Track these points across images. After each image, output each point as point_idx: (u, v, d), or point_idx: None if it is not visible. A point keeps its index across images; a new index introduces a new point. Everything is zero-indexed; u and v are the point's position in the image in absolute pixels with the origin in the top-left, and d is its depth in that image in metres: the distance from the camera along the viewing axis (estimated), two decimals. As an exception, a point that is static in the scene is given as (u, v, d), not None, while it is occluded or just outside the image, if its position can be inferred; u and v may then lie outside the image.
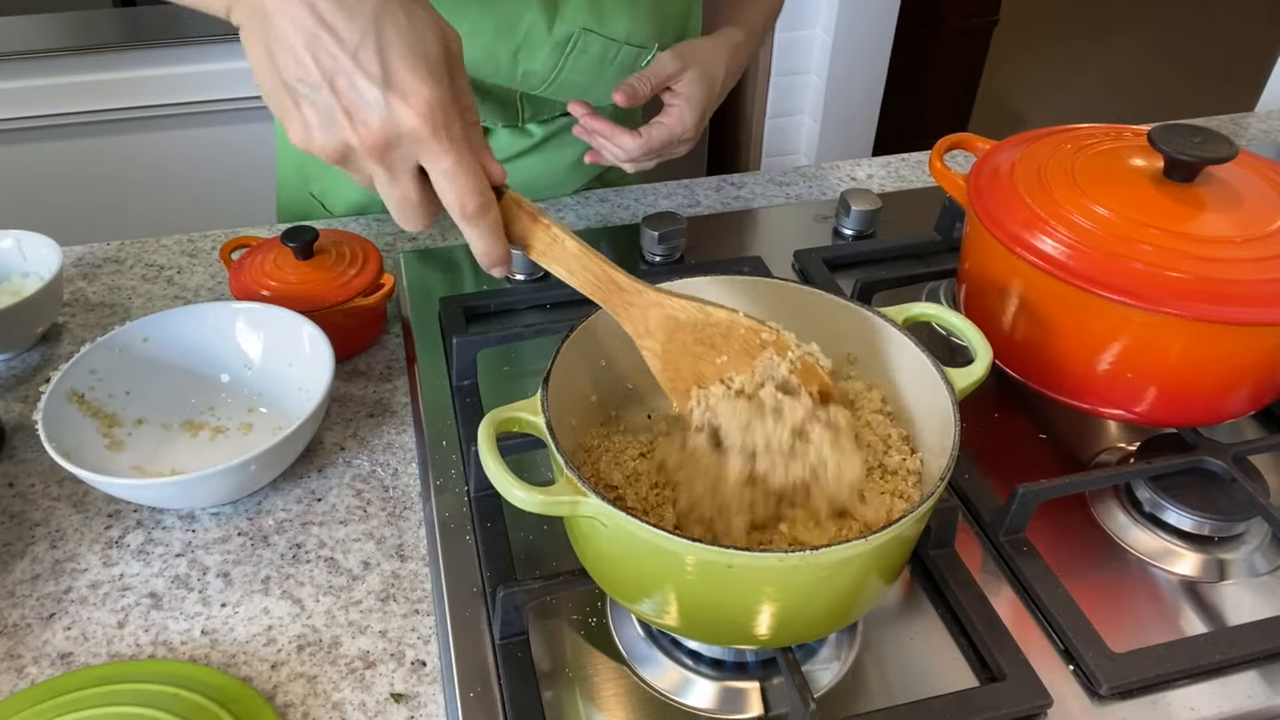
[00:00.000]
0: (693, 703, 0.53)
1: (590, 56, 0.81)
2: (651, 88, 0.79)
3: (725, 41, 0.85)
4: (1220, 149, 0.62)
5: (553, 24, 0.79)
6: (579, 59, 0.81)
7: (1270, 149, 1.09)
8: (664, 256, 0.87)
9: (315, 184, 0.99)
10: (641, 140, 0.80)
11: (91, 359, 0.67)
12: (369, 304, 0.76)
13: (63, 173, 1.71)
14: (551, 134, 0.93)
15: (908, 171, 1.07)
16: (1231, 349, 0.60)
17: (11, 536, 0.64)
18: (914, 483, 0.55)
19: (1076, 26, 3.93)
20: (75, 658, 0.56)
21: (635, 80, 0.79)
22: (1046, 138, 0.72)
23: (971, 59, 2.62)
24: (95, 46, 1.61)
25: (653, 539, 0.44)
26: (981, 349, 0.56)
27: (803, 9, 2.02)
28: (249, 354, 0.72)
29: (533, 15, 0.79)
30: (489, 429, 0.48)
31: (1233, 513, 0.62)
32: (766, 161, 2.23)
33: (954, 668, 0.55)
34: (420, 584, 0.61)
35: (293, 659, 0.56)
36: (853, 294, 0.81)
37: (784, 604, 0.47)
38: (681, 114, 0.81)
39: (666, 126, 0.81)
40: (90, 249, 0.91)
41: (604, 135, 0.81)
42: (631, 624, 0.57)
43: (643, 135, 0.80)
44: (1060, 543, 0.62)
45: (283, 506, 0.66)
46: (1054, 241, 0.62)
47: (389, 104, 0.44)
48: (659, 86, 0.80)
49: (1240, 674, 0.55)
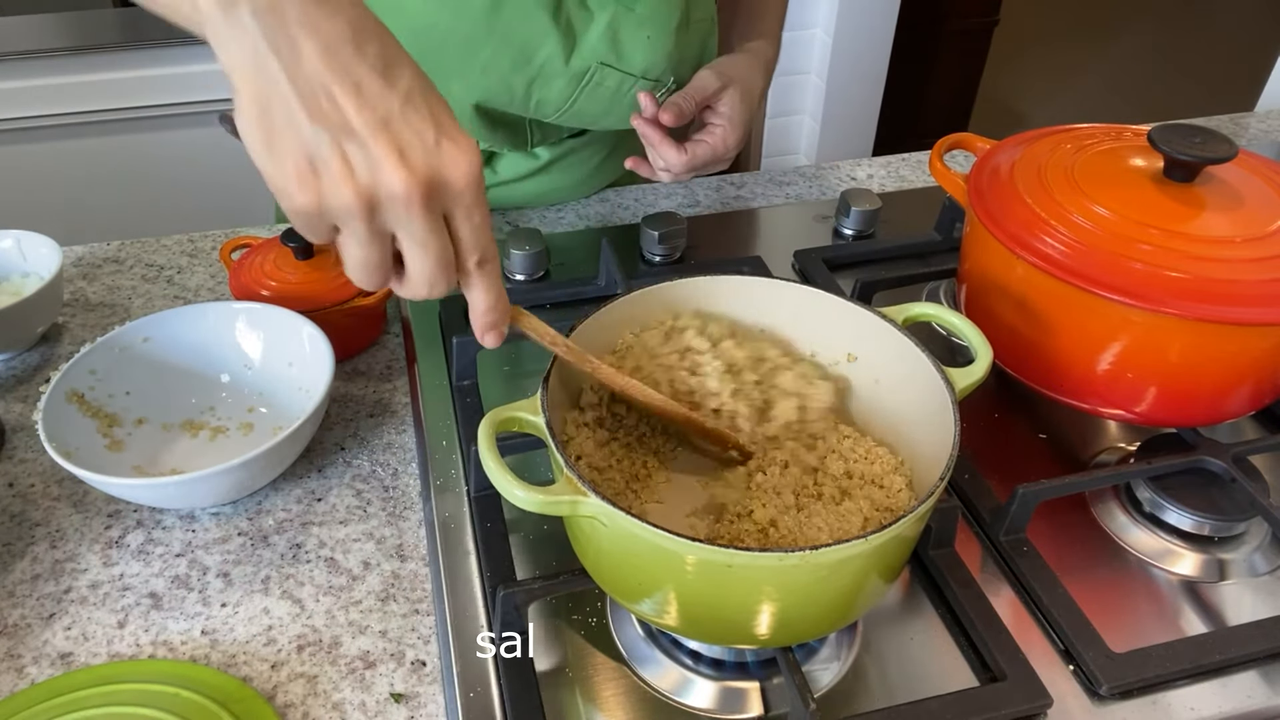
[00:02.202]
0: (693, 703, 0.53)
1: (606, 89, 0.81)
2: (695, 105, 0.80)
3: (759, 58, 0.86)
4: (1220, 149, 0.62)
5: (570, 57, 0.79)
6: (595, 91, 0.81)
7: (1270, 149, 1.09)
8: (664, 256, 0.87)
9: None
10: (686, 157, 0.80)
11: (91, 359, 0.67)
12: (369, 304, 0.76)
13: (63, 173, 1.71)
14: (558, 156, 0.93)
15: (908, 171, 1.07)
16: (1231, 349, 0.60)
17: (11, 536, 0.64)
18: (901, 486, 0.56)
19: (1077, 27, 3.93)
20: (75, 658, 0.56)
21: (680, 99, 0.79)
22: (1046, 138, 0.72)
23: (971, 59, 2.62)
24: (95, 46, 1.61)
25: (653, 538, 0.44)
26: (982, 349, 0.56)
27: (803, 9, 2.02)
28: (249, 354, 0.72)
29: (550, 48, 0.78)
30: (489, 428, 0.48)
31: (1233, 513, 0.62)
32: (766, 161, 2.23)
33: (954, 668, 0.55)
34: (420, 584, 0.61)
35: (293, 659, 0.56)
36: (853, 294, 0.81)
37: (784, 603, 0.47)
38: (725, 135, 0.81)
39: (710, 146, 0.81)
40: (90, 249, 0.91)
41: (651, 143, 0.81)
42: (631, 624, 0.57)
43: (687, 152, 0.80)
44: (1060, 543, 0.62)
45: (283, 506, 0.66)
46: (1054, 241, 0.62)
47: (442, 149, 0.42)
48: (702, 105, 0.81)
49: (1240, 674, 0.55)
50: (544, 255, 0.85)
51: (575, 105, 0.83)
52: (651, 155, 0.82)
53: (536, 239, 0.85)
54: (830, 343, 0.61)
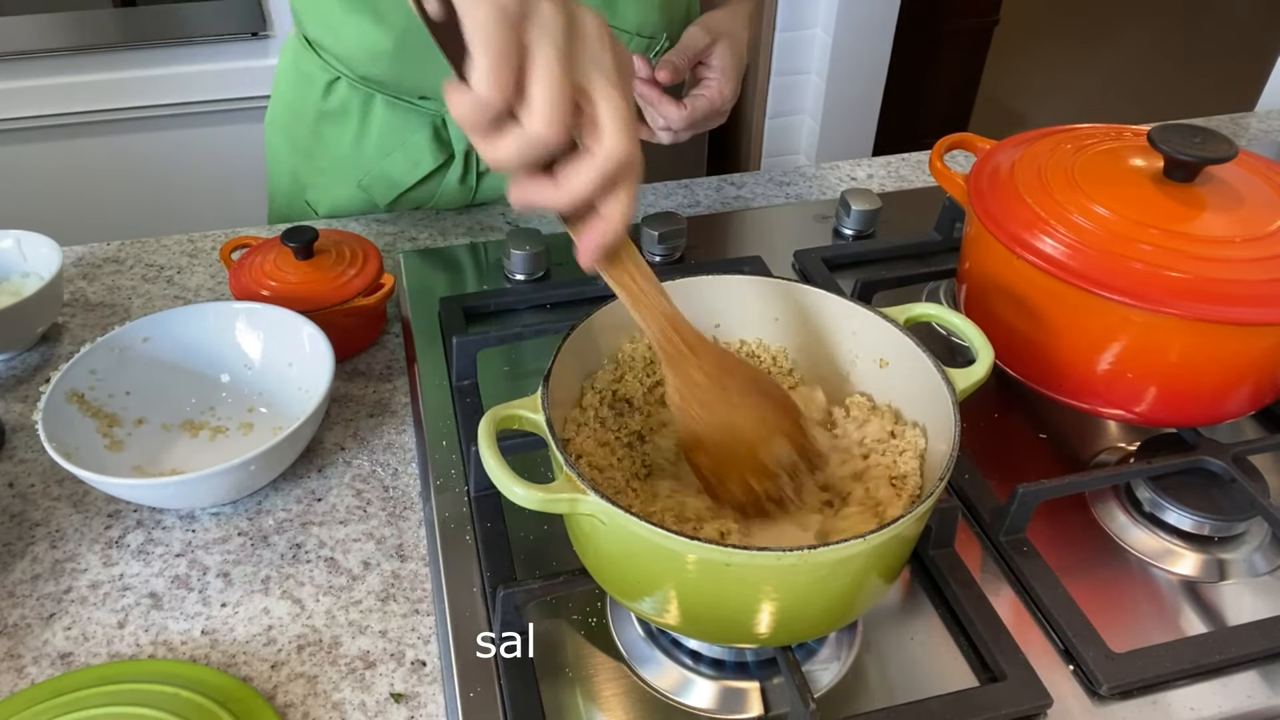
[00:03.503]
0: (693, 703, 0.53)
1: None
2: (688, 61, 0.80)
3: (741, 10, 0.86)
4: (1220, 149, 0.62)
5: None
6: None
7: (1270, 149, 1.09)
8: (664, 256, 0.87)
9: (310, 191, 0.98)
10: (686, 112, 0.80)
11: (91, 359, 0.67)
12: (369, 304, 0.76)
13: (63, 173, 1.71)
14: None
15: (908, 171, 1.07)
16: (1231, 349, 0.60)
17: (11, 536, 0.64)
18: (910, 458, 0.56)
19: (1077, 26, 3.93)
20: (75, 658, 0.56)
21: (674, 56, 0.80)
22: (1046, 138, 0.72)
23: (971, 59, 2.62)
24: (95, 46, 1.61)
25: (652, 537, 0.44)
26: (983, 349, 0.56)
27: (803, 9, 2.02)
28: (249, 354, 0.72)
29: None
30: (489, 426, 0.48)
31: (1233, 513, 0.62)
32: (766, 161, 2.23)
33: (954, 668, 0.55)
34: (420, 584, 0.61)
35: (293, 659, 0.56)
36: (853, 294, 0.81)
37: (783, 602, 0.47)
38: (720, 85, 0.81)
39: (707, 98, 0.81)
40: (90, 249, 0.91)
41: (650, 102, 0.81)
42: (631, 624, 0.57)
43: (687, 106, 0.81)
44: (1060, 543, 0.62)
45: (283, 506, 0.66)
46: (1054, 241, 0.62)
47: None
48: (694, 60, 0.81)
49: (1240, 674, 0.55)
50: (544, 255, 0.85)
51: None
52: (650, 115, 0.82)
53: (536, 239, 0.85)
54: (830, 343, 0.61)
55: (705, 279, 0.60)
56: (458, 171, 0.93)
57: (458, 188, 0.95)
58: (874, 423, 0.58)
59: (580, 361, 0.57)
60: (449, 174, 0.94)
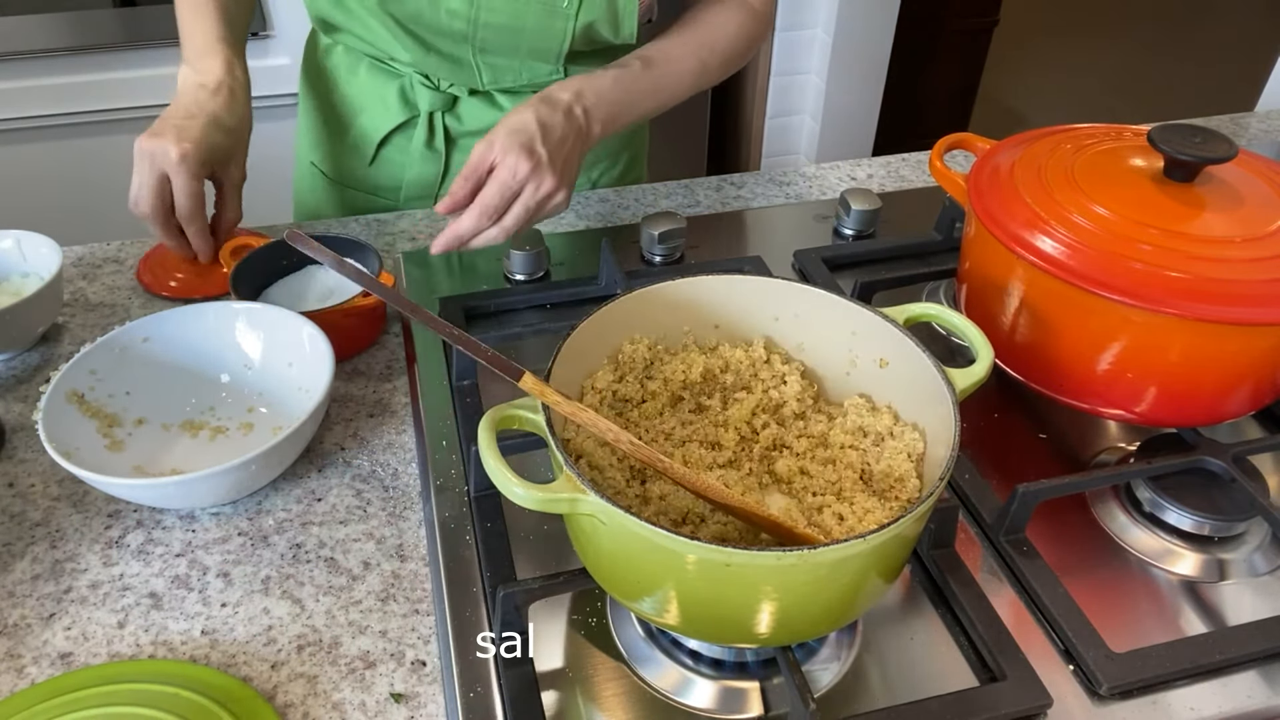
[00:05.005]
0: (693, 703, 0.53)
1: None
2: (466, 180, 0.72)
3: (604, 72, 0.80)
4: (1220, 149, 0.62)
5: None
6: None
7: (1270, 149, 1.09)
8: (664, 256, 0.87)
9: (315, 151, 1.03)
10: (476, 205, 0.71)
11: (91, 359, 0.67)
12: (369, 304, 0.76)
13: (63, 173, 1.71)
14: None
15: (908, 171, 1.07)
16: (1231, 349, 0.60)
17: (11, 536, 0.64)
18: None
19: (1076, 26, 3.93)
20: (75, 658, 0.56)
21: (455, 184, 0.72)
22: (1046, 138, 0.72)
23: (971, 59, 2.62)
24: (95, 46, 1.61)
25: (652, 536, 0.44)
26: (983, 349, 0.56)
27: (803, 9, 2.02)
28: (249, 354, 0.72)
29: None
30: (489, 426, 0.48)
31: (1233, 513, 0.62)
32: (766, 161, 2.23)
33: (954, 668, 0.55)
34: (420, 584, 0.61)
35: (293, 659, 0.56)
36: (853, 294, 0.81)
37: (783, 602, 0.47)
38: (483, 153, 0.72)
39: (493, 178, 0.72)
40: (90, 249, 0.91)
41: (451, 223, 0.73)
42: (631, 624, 0.57)
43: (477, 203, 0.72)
44: (1060, 543, 0.62)
45: (283, 506, 0.66)
46: (1054, 241, 0.62)
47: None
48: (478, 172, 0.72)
49: (1240, 674, 0.55)
50: (544, 255, 0.85)
51: (480, 14, 0.83)
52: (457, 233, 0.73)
53: (536, 239, 0.85)
54: (830, 343, 0.61)
55: (705, 279, 0.60)
56: (423, 135, 0.95)
57: (425, 151, 0.96)
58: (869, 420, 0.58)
59: (580, 361, 0.57)
60: (415, 135, 0.95)
